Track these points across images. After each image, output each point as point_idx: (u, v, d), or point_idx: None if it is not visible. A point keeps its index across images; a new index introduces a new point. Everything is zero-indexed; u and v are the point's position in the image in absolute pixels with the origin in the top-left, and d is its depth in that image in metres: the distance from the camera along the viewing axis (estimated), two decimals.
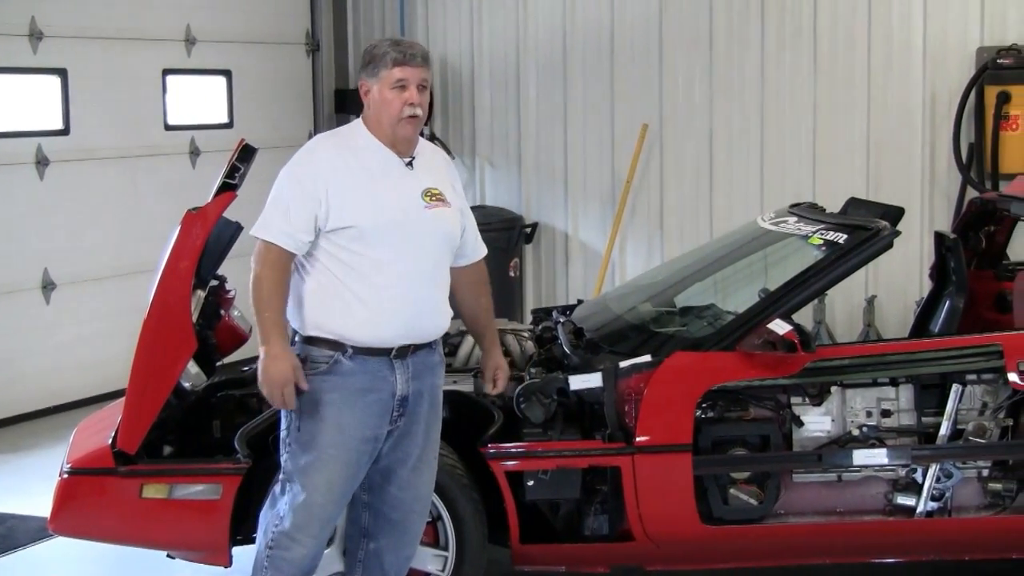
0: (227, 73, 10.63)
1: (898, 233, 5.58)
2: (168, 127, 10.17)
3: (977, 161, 9.11)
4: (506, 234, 10.43)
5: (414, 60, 4.59)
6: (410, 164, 4.66)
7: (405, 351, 4.62)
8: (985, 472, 5.48)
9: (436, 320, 4.72)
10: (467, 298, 5.04)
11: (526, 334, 6.31)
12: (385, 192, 4.58)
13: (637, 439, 5.20)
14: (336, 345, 4.56)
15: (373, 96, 4.61)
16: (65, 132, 9.34)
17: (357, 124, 4.71)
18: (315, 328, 4.58)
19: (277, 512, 4.67)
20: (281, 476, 4.70)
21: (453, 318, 4.91)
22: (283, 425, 4.68)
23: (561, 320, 6.20)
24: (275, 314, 4.51)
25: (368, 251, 4.53)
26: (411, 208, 4.60)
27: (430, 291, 4.67)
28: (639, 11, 10.38)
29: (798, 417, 5.47)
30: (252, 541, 5.31)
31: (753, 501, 5.36)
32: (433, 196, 4.66)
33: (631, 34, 10.45)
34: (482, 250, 5.03)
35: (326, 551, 5.02)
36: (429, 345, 4.72)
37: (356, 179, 4.56)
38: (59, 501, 5.33)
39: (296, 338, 4.65)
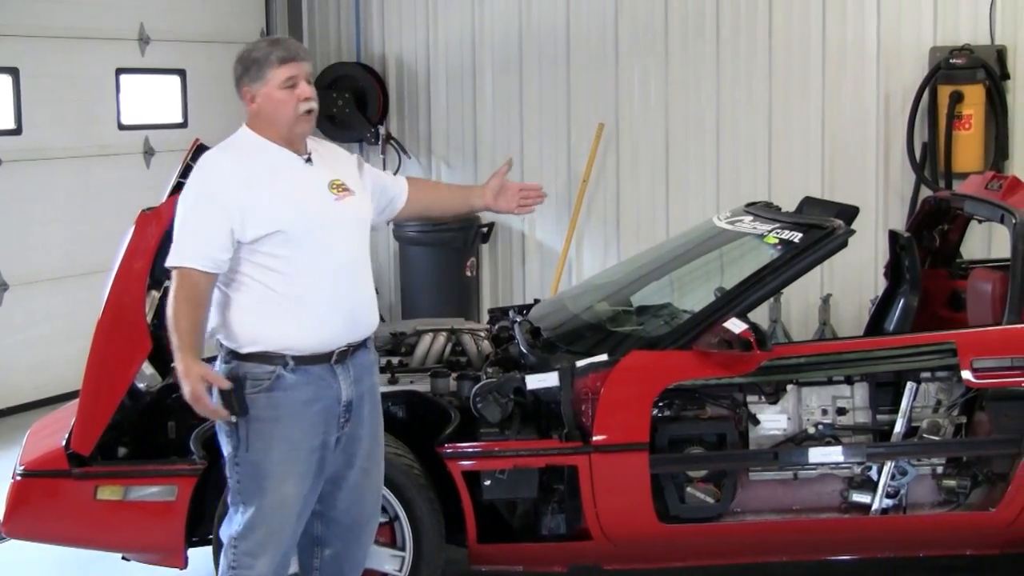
0: (181, 72, 10.57)
1: (853, 232, 5.60)
2: (122, 127, 10.10)
3: (931, 160, 9.17)
4: (462, 234, 10.42)
5: (299, 56, 4.53)
6: (309, 160, 4.58)
7: (345, 354, 4.54)
8: (939, 469, 5.52)
9: (371, 313, 4.66)
10: (431, 200, 5.13)
11: (482, 333, 6.31)
12: (297, 191, 4.49)
13: (594, 438, 5.20)
14: (277, 358, 4.43)
15: (262, 100, 4.50)
16: (17, 132, 9.27)
17: (245, 132, 4.59)
18: (252, 344, 4.44)
19: (235, 532, 4.53)
20: (231, 497, 4.57)
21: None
22: (228, 445, 4.53)
23: (518, 319, 6.20)
24: (192, 335, 4.35)
25: (297, 252, 4.42)
26: (323, 202, 4.52)
27: (361, 283, 4.61)
28: (594, 11, 10.40)
29: (754, 415, 5.50)
30: (208, 542, 5.30)
31: (710, 499, 5.38)
32: (338, 187, 4.58)
33: (587, 34, 10.46)
34: (402, 180, 5.05)
35: None
36: (364, 344, 4.66)
37: (266, 183, 4.44)
38: (12, 504, 5.30)
39: (228, 358, 4.49)
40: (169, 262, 4.40)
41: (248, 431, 4.44)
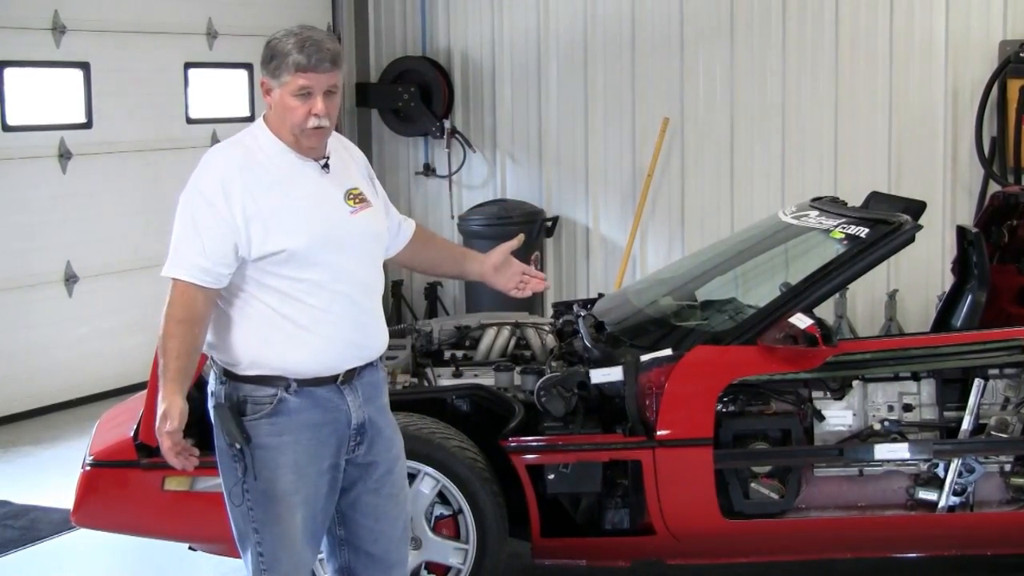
0: (248, 67, 10.65)
1: (920, 227, 5.57)
2: (190, 120, 10.22)
3: (999, 155, 9.09)
4: (527, 227, 10.42)
5: (321, 66, 3.98)
6: (326, 166, 4.11)
7: (351, 375, 4.13)
8: (1007, 467, 5.47)
9: (380, 334, 4.24)
10: (428, 256, 4.66)
11: (547, 327, 6.32)
12: (308, 204, 4.02)
13: (658, 433, 5.20)
14: (278, 380, 4.03)
15: (275, 99, 4.03)
16: (88, 125, 9.39)
17: (260, 128, 4.12)
18: (252, 366, 4.03)
19: (259, 565, 4.15)
20: (242, 525, 4.17)
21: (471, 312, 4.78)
22: (234, 471, 4.10)
23: (582, 314, 6.20)
24: (180, 360, 3.94)
25: (301, 273, 3.99)
26: (338, 217, 4.07)
27: (371, 303, 4.18)
28: (660, 4, 10.38)
29: (819, 411, 5.47)
30: None
31: (774, 495, 5.36)
32: (356, 197, 4.15)
33: (652, 27, 10.45)
34: (411, 223, 4.57)
35: None
36: (372, 363, 4.24)
37: (275, 195, 3.98)
38: (82, 493, 5.36)
39: (223, 378, 4.10)
40: (165, 271, 4.00)
41: (253, 459, 4.05)
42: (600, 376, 5.32)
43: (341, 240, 4.06)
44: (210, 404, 4.17)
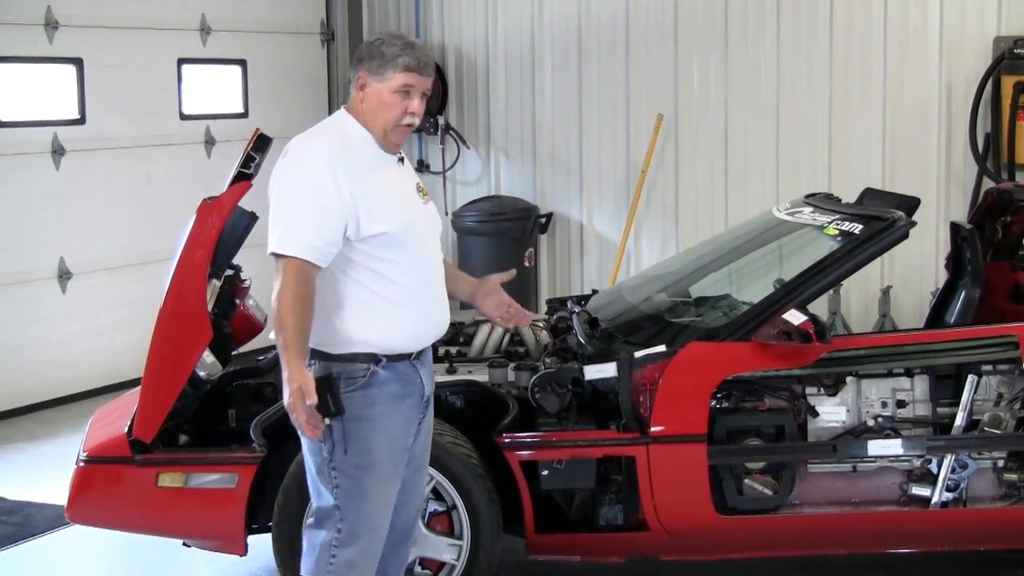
0: (242, 63, 10.65)
1: (914, 223, 5.57)
2: (183, 116, 10.20)
3: (993, 151, 9.09)
4: (521, 224, 10.43)
5: (425, 70, 4.37)
6: (401, 160, 4.51)
7: (423, 351, 4.50)
8: (1000, 463, 5.48)
9: (447, 313, 4.59)
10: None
11: (541, 324, 6.32)
12: (395, 192, 4.40)
13: (652, 429, 5.20)
14: (371, 356, 4.32)
15: (371, 94, 4.35)
16: (81, 121, 9.38)
17: (345, 118, 4.43)
18: (349, 344, 4.30)
19: (333, 539, 4.37)
20: (321, 500, 4.40)
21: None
22: (321, 449, 4.34)
23: (576, 310, 6.21)
24: (301, 337, 4.16)
25: (396, 255, 4.30)
26: (416, 206, 4.46)
27: (441, 285, 4.54)
28: (655, 0, 10.37)
29: (813, 407, 5.47)
30: (267, 530, 5.33)
31: (768, 491, 5.36)
32: (423, 191, 4.55)
33: (647, 24, 10.43)
34: None
35: None
36: None
37: (372, 181, 4.30)
38: (76, 489, 5.37)
39: (311, 361, 4.31)
40: (277, 247, 4.20)
41: (345, 432, 4.31)
42: (594, 372, 5.32)
43: (421, 227, 4.44)
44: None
